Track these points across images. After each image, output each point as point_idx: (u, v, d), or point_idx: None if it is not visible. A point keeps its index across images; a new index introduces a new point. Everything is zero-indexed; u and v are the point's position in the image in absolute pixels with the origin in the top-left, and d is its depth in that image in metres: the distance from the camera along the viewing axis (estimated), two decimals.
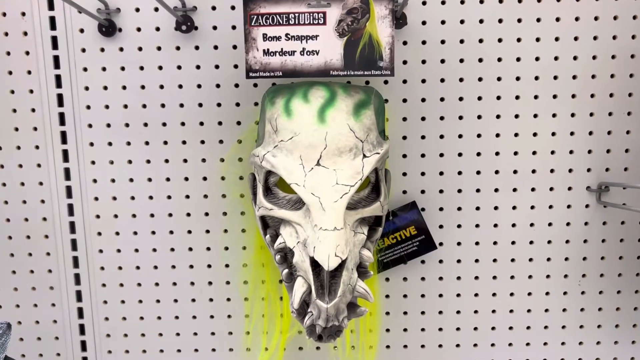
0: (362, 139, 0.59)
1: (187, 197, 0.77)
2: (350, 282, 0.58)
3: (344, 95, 0.60)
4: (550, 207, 0.77)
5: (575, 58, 0.74)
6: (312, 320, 0.57)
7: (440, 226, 0.77)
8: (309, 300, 0.58)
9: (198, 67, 0.74)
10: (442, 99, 0.74)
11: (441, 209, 0.77)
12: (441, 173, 0.76)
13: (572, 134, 0.75)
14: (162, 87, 0.74)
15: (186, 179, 0.76)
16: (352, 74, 0.63)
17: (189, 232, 0.77)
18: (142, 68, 0.74)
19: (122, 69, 0.74)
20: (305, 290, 0.58)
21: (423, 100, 0.74)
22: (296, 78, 0.63)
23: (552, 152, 0.75)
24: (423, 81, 0.74)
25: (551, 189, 0.76)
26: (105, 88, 0.74)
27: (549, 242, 0.77)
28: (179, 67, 0.74)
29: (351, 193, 0.58)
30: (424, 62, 0.74)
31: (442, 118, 0.75)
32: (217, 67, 0.74)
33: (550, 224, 0.77)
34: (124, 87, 0.74)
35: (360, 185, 0.60)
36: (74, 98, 0.75)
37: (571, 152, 0.75)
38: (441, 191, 0.76)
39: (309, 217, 0.58)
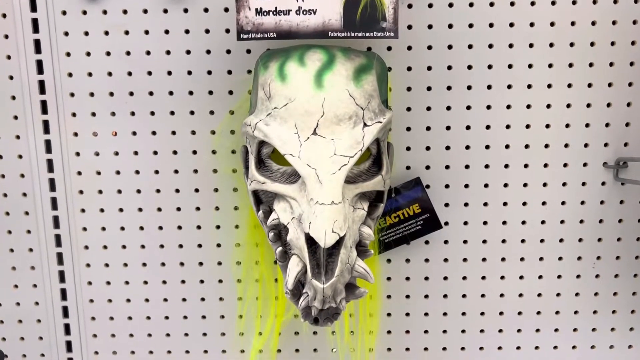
0: (363, 106, 0.55)
1: (176, 171, 0.73)
2: (349, 260, 0.55)
3: (344, 59, 0.56)
4: (564, 184, 0.73)
5: (593, 23, 0.69)
6: (308, 301, 0.54)
7: (446, 204, 0.74)
8: (304, 281, 0.55)
9: (187, 31, 0.69)
10: (449, 68, 0.70)
11: (447, 185, 0.73)
12: (447, 147, 0.72)
13: (588, 105, 0.71)
14: (148, 53, 0.70)
15: (174, 152, 0.72)
16: (352, 35, 0.58)
17: (178, 209, 0.74)
18: (127, 32, 0.69)
19: (106, 33, 0.69)
20: (300, 270, 0.55)
21: (429, 68, 0.70)
22: (291, 40, 0.59)
23: (567, 126, 0.71)
24: (429, 48, 0.70)
25: (565, 165, 0.72)
26: (88, 54, 0.70)
27: (562, 222, 0.74)
28: (167, 32, 0.69)
29: (350, 165, 0.54)
30: (430, 27, 0.69)
31: (449, 88, 0.71)
32: (207, 31, 0.69)
33: (563, 203, 0.73)
34: (108, 53, 0.70)
35: (361, 157, 0.56)
36: (54, 64, 0.70)
37: (587, 125, 0.72)
38: (447, 167, 0.73)
39: (305, 190, 0.55)
